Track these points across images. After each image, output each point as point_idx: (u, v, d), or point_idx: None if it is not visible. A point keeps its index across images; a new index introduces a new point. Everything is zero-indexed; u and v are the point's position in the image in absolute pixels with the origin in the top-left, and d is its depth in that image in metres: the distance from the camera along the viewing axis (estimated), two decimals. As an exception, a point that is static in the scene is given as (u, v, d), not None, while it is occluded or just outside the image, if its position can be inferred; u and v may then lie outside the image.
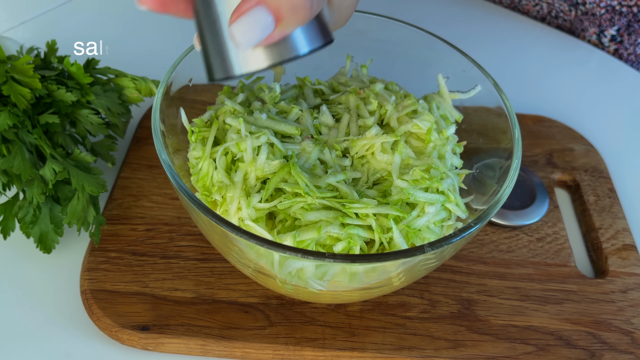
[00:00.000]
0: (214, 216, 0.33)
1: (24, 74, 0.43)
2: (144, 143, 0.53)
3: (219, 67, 0.30)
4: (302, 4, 0.28)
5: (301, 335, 0.41)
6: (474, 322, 0.43)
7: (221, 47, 0.29)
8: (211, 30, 0.29)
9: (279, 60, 0.29)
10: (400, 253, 0.32)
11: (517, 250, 0.48)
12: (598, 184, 0.53)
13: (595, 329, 0.43)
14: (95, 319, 0.41)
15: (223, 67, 0.30)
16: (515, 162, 0.38)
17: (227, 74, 0.30)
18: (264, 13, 0.28)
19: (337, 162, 0.39)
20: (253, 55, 0.29)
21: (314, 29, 0.30)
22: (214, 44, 0.30)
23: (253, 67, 0.29)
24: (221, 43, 0.29)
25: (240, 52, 0.29)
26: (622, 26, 0.65)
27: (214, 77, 0.30)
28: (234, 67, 0.30)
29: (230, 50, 0.29)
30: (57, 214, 0.43)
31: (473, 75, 0.43)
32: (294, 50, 0.30)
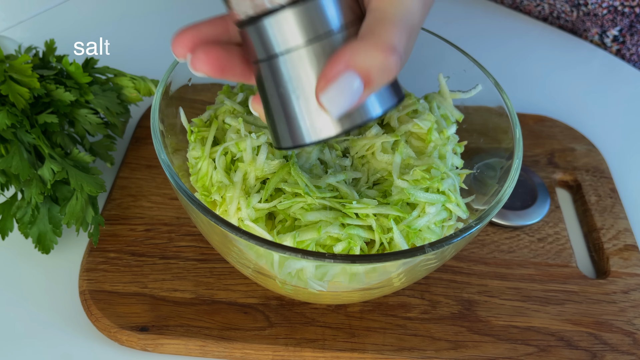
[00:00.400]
0: (214, 216, 0.33)
1: (22, 73, 0.43)
2: (143, 143, 0.53)
3: (287, 135, 0.29)
4: (393, 65, 0.26)
5: (301, 336, 0.41)
6: (474, 323, 0.43)
7: (290, 114, 0.28)
8: (280, 96, 0.28)
9: (351, 126, 0.28)
10: (400, 253, 0.32)
11: (518, 250, 0.48)
12: (599, 184, 0.53)
13: (596, 330, 0.43)
14: (94, 319, 0.41)
15: (292, 134, 0.28)
16: (516, 162, 0.38)
17: (296, 142, 0.29)
18: (354, 78, 0.26)
19: (337, 162, 0.39)
20: (325, 122, 0.28)
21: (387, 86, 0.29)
22: (282, 110, 0.28)
23: (325, 134, 0.28)
24: (290, 109, 0.28)
25: (311, 120, 0.28)
26: (625, 26, 0.65)
27: (281, 145, 0.29)
28: (304, 136, 0.28)
29: (300, 118, 0.28)
30: (55, 214, 0.43)
31: (474, 75, 0.43)
32: (367, 113, 0.28)
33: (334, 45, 0.27)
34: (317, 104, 0.27)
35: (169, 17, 0.69)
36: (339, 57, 0.26)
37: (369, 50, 0.26)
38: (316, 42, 0.27)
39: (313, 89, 0.27)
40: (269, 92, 0.29)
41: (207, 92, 0.45)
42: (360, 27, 0.27)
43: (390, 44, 0.26)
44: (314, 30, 0.27)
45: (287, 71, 0.27)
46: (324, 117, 0.28)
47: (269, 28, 0.27)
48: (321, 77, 0.27)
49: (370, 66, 0.26)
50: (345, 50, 0.26)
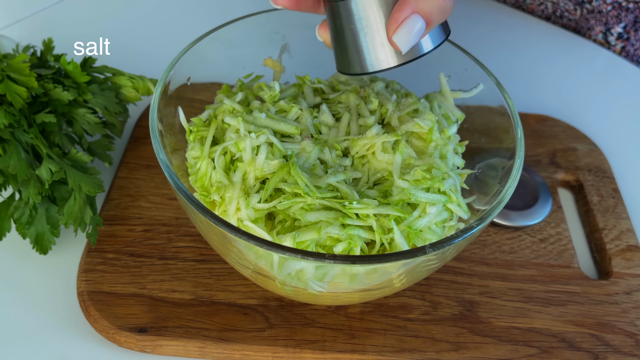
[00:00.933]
0: (213, 217, 0.33)
1: (20, 72, 0.43)
2: (141, 142, 0.53)
3: (356, 63, 0.34)
4: (448, 6, 0.32)
5: (301, 337, 0.41)
6: (476, 324, 0.43)
7: (358, 46, 0.34)
8: (349, 30, 0.34)
9: (407, 59, 0.34)
10: (401, 254, 0.32)
11: (519, 251, 0.48)
12: (602, 184, 0.53)
13: (599, 331, 0.43)
14: (92, 320, 0.41)
15: (360, 63, 0.34)
16: (517, 162, 0.38)
17: (363, 69, 0.34)
18: (419, 20, 0.32)
19: (338, 162, 0.39)
20: (386, 55, 0.34)
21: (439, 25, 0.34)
22: (352, 42, 0.34)
23: (385, 65, 0.34)
24: (358, 42, 0.34)
25: (375, 52, 0.34)
26: (629, 23, 0.65)
27: (349, 71, 0.35)
28: (368, 64, 0.34)
29: (366, 50, 0.34)
30: (53, 214, 0.43)
31: (475, 74, 0.43)
32: (420, 48, 0.34)
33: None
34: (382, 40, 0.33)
35: (167, 15, 0.69)
36: (406, 3, 0.32)
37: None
38: None
39: (379, 27, 0.33)
40: (340, 26, 0.34)
41: (206, 91, 0.45)
42: None
43: None
44: None
45: (358, 11, 0.33)
46: (386, 51, 0.34)
47: None
48: (391, 20, 0.32)
49: (432, 9, 0.32)
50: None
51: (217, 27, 0.43)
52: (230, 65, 0.46)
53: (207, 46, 0.43)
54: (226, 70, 0.46)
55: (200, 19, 0.68)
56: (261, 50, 0.46)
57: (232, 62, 0.46)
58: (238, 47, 0.45)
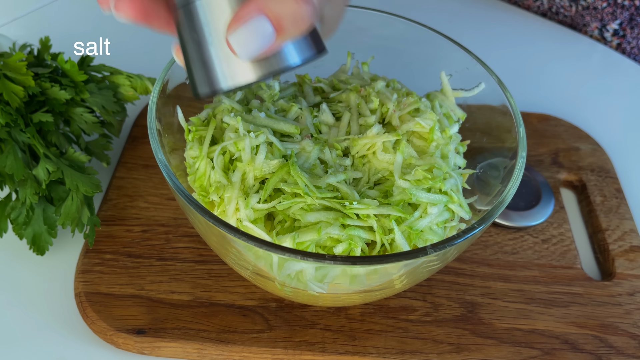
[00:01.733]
0: (212, 217, 0.33)
1: (17, 71, 0.43)
2: (139, 142, 0.53)
3: (204, 82, 0.29)
4: (305, 14, 0.27)
5: (301, 339, 0.41)
6: (477, 326, 0.43)
7: (206, 60, 0.28)
8: (196, 42, 0.28)
9: (268, 72, 0.28)
10: (402, 255, 0.32)
11: (521, 252, 0.48)
12: (605, 184, 0.53)
13: (601, 333, 0.43)
14: (89, 322, 0.41)
15: (208, 81, 0.29)
16: (520, 162, 0.38)
17: (213, 88, 0.29)
18: (265, 23, 0.27)
19: (338, 162, 0.39)
20: (241, 68, 0.28)
21: (306, 38, 0.29)
22: (199, 57, 0.29)
23: (241, 80, 0.28)
24: (206, 55, 0.28)
25: (227, 65, 0.28)
26: (625, 20, 0.65)
27: (198, 92, 0.29)
28: (220, 81, 0.28)
29: (216, 63, 0.28)
30: (50, 214, 0.43)
31: (477, 73, 0.43)
32: (284, 60, 0.28)
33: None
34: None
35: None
36: (252, 1, 0.27)
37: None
38: None
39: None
40: (186, 38, 0.29)
41: (205, 90, 0.45)
42: None
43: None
44: None
45: (203, 15, 0.28)
46: (241, 63, 0.28)
47: None
48: (233, 18, 0.27)
49: (283, 13, 0.27)
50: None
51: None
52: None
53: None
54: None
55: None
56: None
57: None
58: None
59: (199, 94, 0.29)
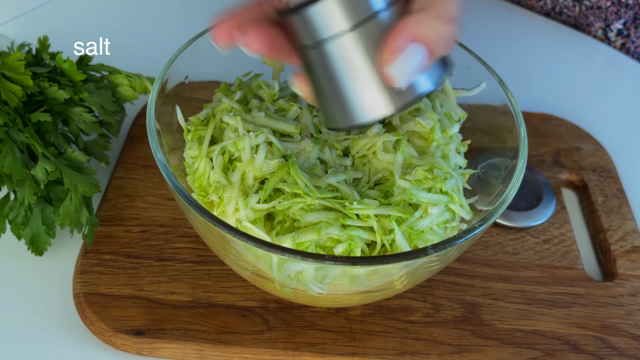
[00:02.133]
0: (211, 217, 0.33)
1: (15, 70, 0.43)
2: (138, 142, 0.53)
3: (342, 116, 0.30)
4: (454, 33, 0.28)
5: (300, 340, 0.41)
6: (478, 327, 0.43)
7: (343, 96, 0.29)
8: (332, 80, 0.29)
9: (404, 104, 0.29)
10: (402, 255, 0.32)
11: (522, 252, 0.48)
12: (606, 184, 0.53)
13: (603, 334, 0.43)
14: (88, 323, 0.41)
15: (345, 115, 0.30)
16: (521, 162, 0.38)
17: (352, 123, 0.30)
18: (421, 49, 0.27)
19: (338, 162, 0.39)
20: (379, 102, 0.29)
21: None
22: (335, 93, 0.29)
23: (380, 114, 0.29)
24: (343, 92, 0.29)
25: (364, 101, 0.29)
26: (629, 19, 0.65)
27: (337, 126, 0.30)
28: (359, 116, 0.29)
29: (354, 99, 0.29)
30: (49, 215, 0.43)
31: (478, 72, 0.43)
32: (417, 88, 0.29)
33: (382, 23, 0.28)
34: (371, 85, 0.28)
35: (165, 12, 0.69)
36: (403, 29, 0.27)
37: (432, 21, 0.27)
38: (364, 25, 0.28)
39: (366, 70, 0.28)
40: (319, 76, 0.30)
41: (204, 89, 0.45)
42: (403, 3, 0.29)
43: (451, 14, 0.28)
44: (360, 14, 0.28)
45: (338, 55, 0.28)
46: (376, 97, 0.29)
47: (315, 16, 0.28)
48: (386, 49, 0.28)
49: (435, 37, 0.27)
50: (408, 22, 0.27)
51: (216, 24, 0.43)
52: (229, 63, 0.46)
53: (205, 44, 0.43)
54: (224, 69, 0.45)
55: (199, 16, 0.68)
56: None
57: (230, 60, 0.46)
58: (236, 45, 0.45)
59: (339, 127, 0.31)
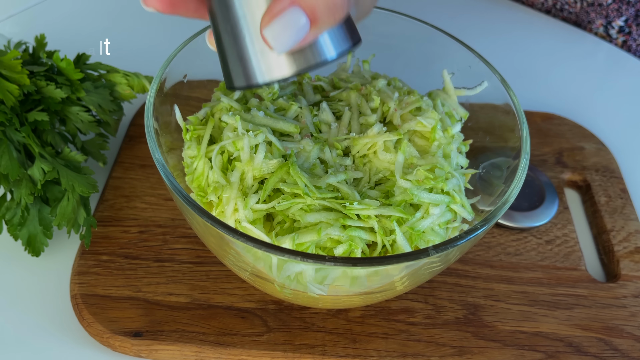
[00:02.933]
0: (210, 218, 0.33)
1: (12, 69, 0.43)
2: (136, 141, 0.53)
3: (240, 75, 0.29)
4: (339, 3, 0.27)
5: (300, 341, 0.41)
6: (480, 328, 0.43)
7: (243, 53, 0.28)
8: (231, 34, 0.28)
9: (305, 67, 0.28)
10: (403, 256, 0.32)
11: (525, 253, 0.48)
12: (609, 184, 0.53)
13: (606, 335, 0.43)
14: (85, 324, 0.41)
15: (245, 74, 0.29)
16: (523, 162, 0.38)
17: (249, 82, 0.29)
18: (299, 14, 0.27)
19: (338, 162, 0.39)
20: (277, 62, 0.28)
21: (341, 28, 0.29)
22: (235, 49, 0.29)
23: (277, 74, 0.28)
24: (243, 48, 0.28)
25: (263, 59, 0.28)
26: (630, 16, 0.65)
27: (234, 85, 0.30)
28: (256, 75, 0.29)
29: (253, 57, 0.28)
30: (46, 215, 0.43)
31: (479, 71, 0.43)
32: (321, 54, 0.29)
33: None
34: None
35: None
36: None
37: None
38: None
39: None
40: (221, 29, 0.29)
41: (203, 88, 0.45)
42: None
43: None
44: None
45: (239, 8, 0.28)
46: (277, 57, 0.28)
47: None
48: (266, 12, 0.27)
49: (317, 3, 0.27)
50: None
51: (214, 22, 0.43)
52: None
53: (204, 42, 0.43)
54: (223, 67, 0.45)
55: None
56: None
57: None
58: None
59: (235, 86, 0.30)
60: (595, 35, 0.70)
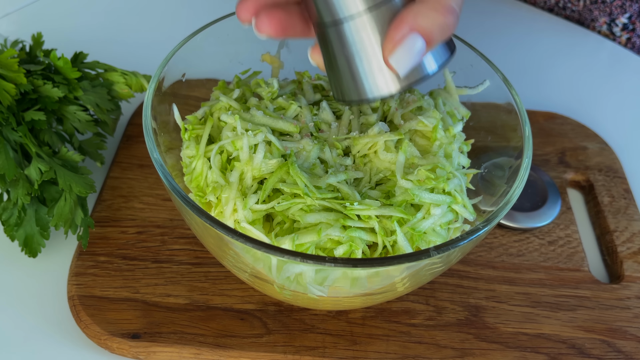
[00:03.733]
0: (208, 218, 0.33)
1: (8, 68, 0.43)
2: (134, 141, 0.53)
3: (352, 90, 0.32)
4: (452, 23, 0.30)
5: (300, 343, 0.41)
6: (482, 330, 0.43)
7: (354, 72, 0.32)
8: (344, 56, 0.32)
9: (410, 83, 0.32)
10: (404, 257, 0.32)
11: (527, 254, 0.48)
12: (613, 184, 0.53)
13: (610, 337, 0.43)
14: (83, 326, 0.41)
15: (357, 90, 0.32)
16: (525, 161, 0.38)
17: (361, 97, 0.32)
18: (418, 39, 0.30)
19: (338, 162, 0.39)
20: (386, 80, 0.32)
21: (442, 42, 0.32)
22: (347, 68, 0.32)
23: (386, 91, 0.32)
24: (355, 68, 0.32)
25: (372, 78, 0.32)
26: (634, 13, 0.65)
27: (346, 99, 0.33)
28: (367, 92, 0.32)
29: (364, 76, 0.32)
30: (43, 215, 0.43)
31: (481, 70, 0.43)
32: (423, 69, 0.32)
33: (394, 9, 0.31)
34: (379, 64, 0.31)
35: (161, 9, 0.69)
36: (403, 20, 0.30)
37: (430, 12, 0.30)
38: (378, 9, 0.30)
39: (376, 51, 0.31)
40: (333, 52, 0.32)
41: (201, 88, 0.45)
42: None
43: (448, 5, 0.30)
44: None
45: (352, 35, 0.31)
46: (384, 76, 0.31)
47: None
48: (387, 40, 0.30)
49: (432, 27, 0.30)
50: (407, 14, 0.30)
51: (213, 21, 0.43)
52: (227, 60, 0.46)
53: (203, 41, 0.43)
54: (222, 66, 0.46)
55: (196, 12, 0.68)
56: (259, 46, 0.46)
57: (228, 57, 0.46)
58: (235, 42, 0.45)
59: (347, 100, 0.33)
60: (599, 33, 0.70)
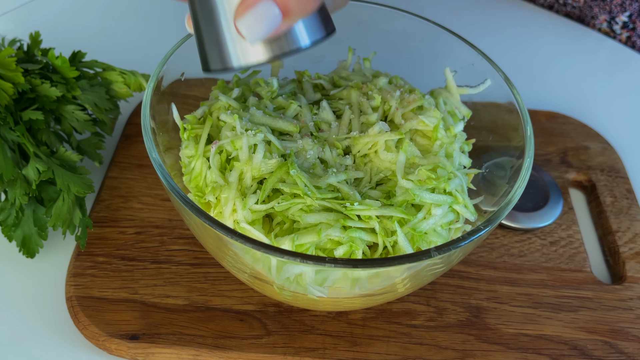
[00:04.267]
0: (208, 218, 0.33)
1: (6, 67, 0.43)
2: (133, 141, 0.53)
3: (216, 58, 0.30)
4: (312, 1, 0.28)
5: (300, 344, 0.41)
6: (483, 331, 0.43)
7: (219, 36, 0.29)
8: (208, 18, 0.29)
9: (279, 53, 0.30)
10: (405, 258, 0.32)
11: (529, 254, 0.48)
12: (615, 184, 0.53)
13: (612, 338, 0.43)
14: (81, 327, 0.41)
15: (220, 58, 0.30)
16: (527, 161, 0.38)
17: (225, 65, 0.30)
18: (271, 6, 0.28)
19: (338, 161, 0.39)
20: (253, 48, 0.29)
21: (316, 18, 0.30)
22: (211, 33, 0.30)
23: (252, 59, 0.29)
24: (219, 32, 0.29)
25: (239, 44, 0.29)
26: (634, 11, 0.65)
27: (209, 68, 0.31)
28: (232, 59, 0.30)
29: (229, 41, 0.29)
30: (41, 216, 0.43)
31: (482, 69, 0.43)
32: (295, 42, 0.30)
33: None
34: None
35: (160, 7, 0.69)
36: None
37: None
38: None
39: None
40: (198, 14, 0.30)
41: (200, 87, 0.45)
42: None
43: None
44: None
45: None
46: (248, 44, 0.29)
47: None
48: (240, 3, 0.28)
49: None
50: None
51: (212, 19, 0.43)
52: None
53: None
54: (222, 65, 0.45)
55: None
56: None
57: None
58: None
59: (210, 69, 0.31)
60: (599, 31, 0.70)
